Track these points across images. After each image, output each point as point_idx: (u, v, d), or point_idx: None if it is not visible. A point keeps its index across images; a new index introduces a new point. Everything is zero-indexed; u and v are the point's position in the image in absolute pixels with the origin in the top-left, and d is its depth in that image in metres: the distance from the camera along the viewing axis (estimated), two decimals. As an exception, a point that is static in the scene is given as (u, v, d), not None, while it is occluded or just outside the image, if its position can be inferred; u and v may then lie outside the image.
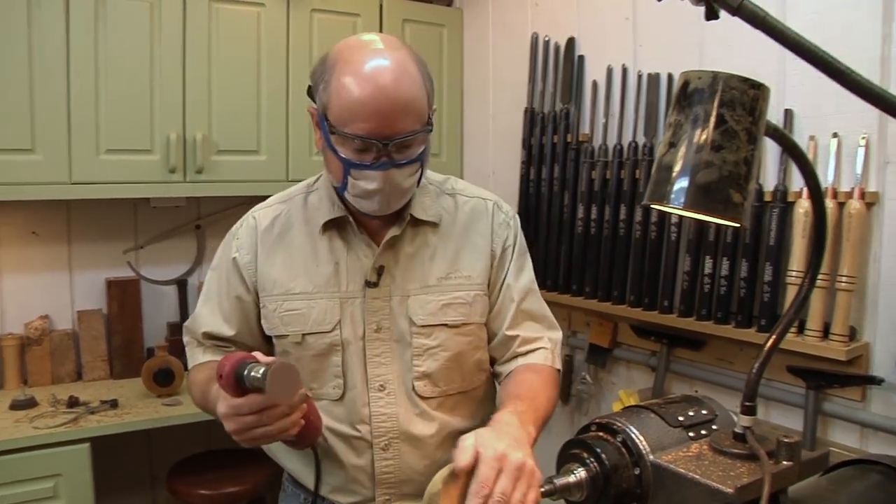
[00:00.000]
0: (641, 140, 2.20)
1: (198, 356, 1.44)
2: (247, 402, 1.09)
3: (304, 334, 1.33)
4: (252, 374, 1.05)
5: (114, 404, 2.39)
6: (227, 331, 1.40)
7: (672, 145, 0.83)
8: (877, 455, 1.11)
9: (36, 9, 2.27)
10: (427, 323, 1.33)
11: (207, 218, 2.96)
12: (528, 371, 1.37)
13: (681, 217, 2.07)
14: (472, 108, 3.07)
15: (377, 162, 1.20)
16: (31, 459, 2.14)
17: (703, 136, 0.81)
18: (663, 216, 2.11)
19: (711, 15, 0.82)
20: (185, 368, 2.52)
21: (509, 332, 1.39)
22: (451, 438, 1.26)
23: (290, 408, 1.12)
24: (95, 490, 2.25)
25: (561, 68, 2.53)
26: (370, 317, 1.33)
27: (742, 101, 0.80)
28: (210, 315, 1.42)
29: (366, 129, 1.18)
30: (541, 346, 1.39)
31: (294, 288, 1.35)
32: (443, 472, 0.89)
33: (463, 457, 0.95)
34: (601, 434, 0.99)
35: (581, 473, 0.95)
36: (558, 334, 1.45)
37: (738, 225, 0.83)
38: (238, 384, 1.07)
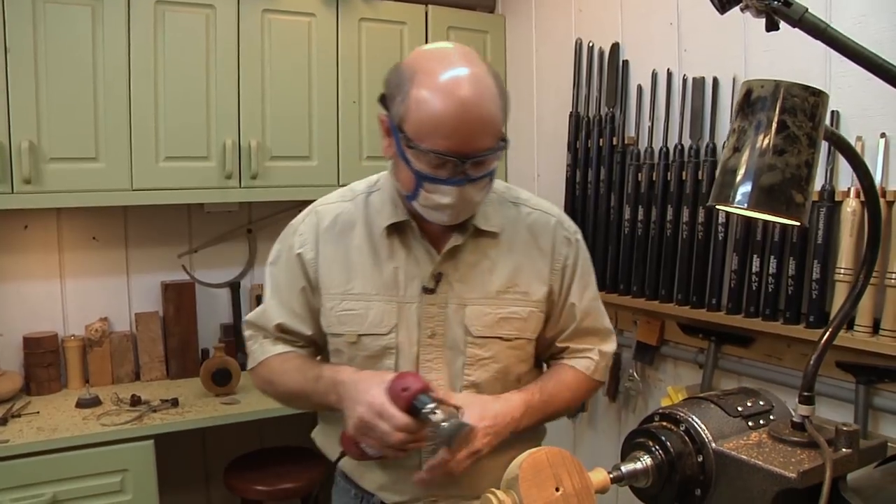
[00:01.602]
0: (687, 143, 2.24)
1: (269, 348, 1.45)
2: (412, 425, 1.15)
3: (359, 335, 1.35)
4: (434, 416, 1.12)
5: (174, 403, 2.48)
6: (297, 323, 1.42)
7: (736, 150, 0.88)
8: (931, 448, 1.14)
9: (99, 23, 2.37)
10: (483, 334, 1.34)
11: (259, 222, 3.05)
12: (563, 369, 1.42)
13: (728, 217, 2.10)
14: (517, 112, 3.10)
15: (452, 178, 1.20)
16: (99, 455, 2.23)
17: (766, 141, 0.86)
18: (710, 216, 2.15)
19: (772, 26, 0.87)
20: (242, 368, 2.64)
21: (560, 344, 1.43)
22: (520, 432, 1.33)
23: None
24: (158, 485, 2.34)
25: (605, 73, 2.57)
26: (425, 322, 1.34)
27: (803, 107, 0.85)
28: (280, 308, 1.43)
29: (444, 146, 1.17)
30: (588, 356, 1.43)
31: (353, 288, 1.36)
32: (520, 458, 0.94)
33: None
34: (665, 423, 1.04)
35: (647, 461, 1.00)
36: (611, 346, 1.46)
37: (799, 224, 0.88)
38: (410, 408, 1.14)
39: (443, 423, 1.10)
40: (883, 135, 1.80)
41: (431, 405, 1.13)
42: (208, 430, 2.56)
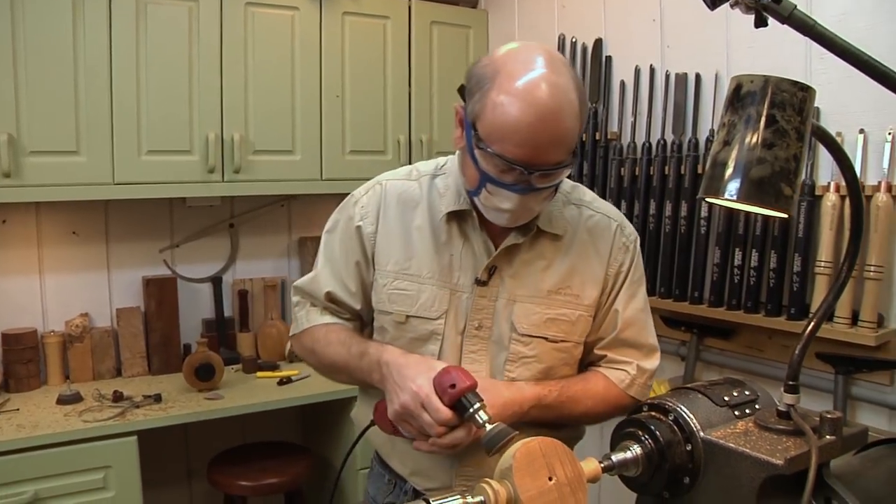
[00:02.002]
0: (670, 138, 2.27)
1: (315, 317, 1.44)
2: (455, 421, 1.15)
3: (408, 316, 1.34)
4: (480, 418, 1.11)
5: (157, 399, 2.47)
6: (348, 295, 1.41)
7: (726, 143, 0.89)
8: (909, 434, 1.18)
9: (80, 15, 2.35)
10: (529, 333, 1.33)
11: (241, 217, 3.03)
12: (594, 376, 1.39)
13: (710, 211, 2.13)
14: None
15: (516, 184, 1.18)
16: (81, 452, 2.21)
17: (756, 135, 0.88)
18: (692, 211, 2.18)
19: (761, 23, 0.88)
20: (226, 363, 2.64)
21: (599, 352, 1.40)
22: (528, 437, 1.33)
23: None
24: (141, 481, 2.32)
25: (589, 68, 2.59)
26: (474, 314, 1.33)
27: (791, 102, 0.87)
28: (332, 277, 1.42)
29: (513, 154, 1.14)
30: (624, 369, 1.38)
31: (409, 268, 1.35)
32: (514, 448, 0.95)
33: None
34: (654, 413, 1.06)
35: (637, 450, 1.02)
36: (652, 364, 1.41)
37: (787, 216, 0.90)
38: (454, 404, 1.13)
39: (487, 427, 1.10)
40: (861, 130, 1.84)
41: (478, 405, 1.12)
42: (191, 426, 2.55)
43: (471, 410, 1.12)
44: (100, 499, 2.24)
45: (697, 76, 2.23)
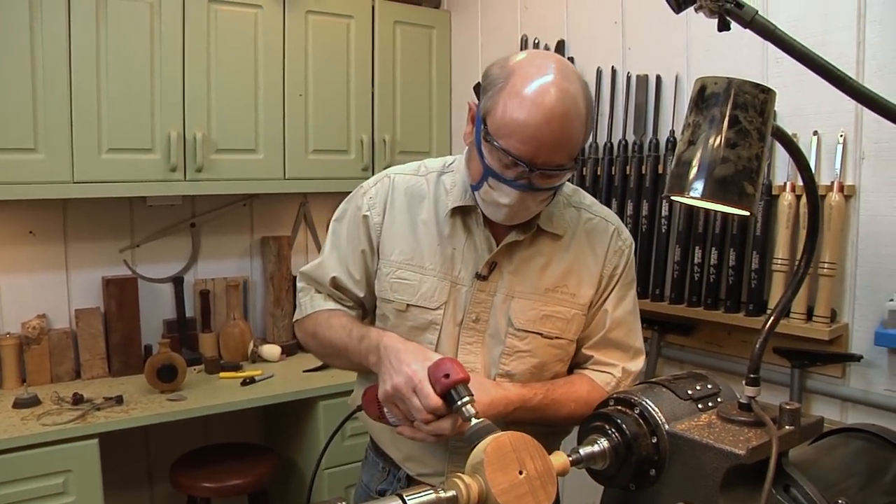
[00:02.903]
0: (631, 138, 2.31)
1: (319, 303, 1.48)
2: (443, 410, 1.16)
3: (409, 304, 1.39)
4: (467, 411, 1.12)
5: (119, 400, 2.43)
6: (352, 282, 1.46)
7: (691, 143, 0.92)
8: (857, 424, 1.23)
9: (38, 9, 2.30)
10: (524, 328, 1.37)
11: (202, 216, 3.00)
12: (580, 379, 1.42)
13: (670, 210, 2.18)
14: (461, 107, 3.15)
15: (517, 181, 1.23)
16: (40, 456, 2.16)
17: (720, 135, 0.90)
18: (653, 210, 2.22)
19: (724, 27, 0.91)
20: (188, 363, 2.62)
21: (587, 352, 1.45)
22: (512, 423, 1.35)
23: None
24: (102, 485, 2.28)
25: (550, 69, 2.62)
26: (472, 307, 1.38)
27: (753, 103, 0.90)
28: (338, 264, 1.47)
29: (518, 150, 1.20)
30: (609, 371, 1.43)
31: (412, 259, 1.40)
32: (485, 443, 0.97)
33: None
34: (620, 408, 1.09)
35: (604, 444, 1.04)
36: (637, 366, 1.46)
37: (750, 214, 0.93)
38: (444, 394, 1.15)
39: (472, 421, 1.11)
40: (815, 133, 1.90)
41: (466, 399, 1.14)
42: (153, 428, 2.51)
43: (458, 403, 1.14)
44: (60, 504, 2.20)
45: (658, 78, 2.28)
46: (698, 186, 0.91)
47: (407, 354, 1.24)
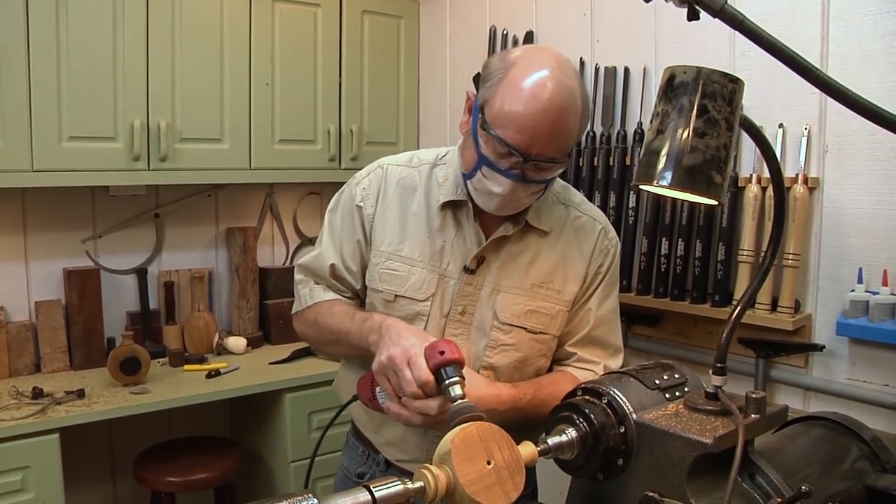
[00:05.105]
0: (599, 130, 2.31)
1: (319, 294, 1.49)
2: (432, 386, 1.17)
3: (397, 295, 1.41)
4: (453, 391, 1.13)
5: (80, 394, 2.38)
6: (349, 271, 1.47)
7: (660, 132, 0.92)
8: (819, 412, 1.25)
9: (-6, -5, 2.24)
10: (510, 322, 1.40)
11: (166, 207, 2.95)
12: (564, 376, 1.44)
13: (637, 202, 2.19)
14: (430, 98, 3.14)
15: (510, 171, 1.25)
16: (-3, 452, 2.12)
17: (688, 125, 0.90)
18: (621, 201, 2.23)
19: (693, 16, 0.91)
20: (152, 356, 2.58)
21: (570, 349, 1.47)
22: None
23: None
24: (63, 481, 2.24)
25: (519, 60, 2.62)
26: (459, 300, 1.40)
27: (722, 93, 0.90)
28: (335, 253, 1.48)
29: (513, 139, 1.22)
30: (591, 368, 1.45)
31: (401, 250, 1.42)
32: (452, 434, 0.96)
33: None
34: (587, 397, 1.08)
35: (572, 433, 1.04)
36: (617, 363, 1.48)
37: (718, 203, 0.93)
38: (436, 372, 1.16)
39: (456, 402, 1.12)
40: (781, 125, 1.92)
41: (455, 379, 1.14)
42: (115, 422, 2.47)
43: (447, 381, 1.14)
44: (18, 501, 2.15)
45: (626, 70, 2.29)
46: (667, 175, 0.91)
47: (408, 332, 1.27)
